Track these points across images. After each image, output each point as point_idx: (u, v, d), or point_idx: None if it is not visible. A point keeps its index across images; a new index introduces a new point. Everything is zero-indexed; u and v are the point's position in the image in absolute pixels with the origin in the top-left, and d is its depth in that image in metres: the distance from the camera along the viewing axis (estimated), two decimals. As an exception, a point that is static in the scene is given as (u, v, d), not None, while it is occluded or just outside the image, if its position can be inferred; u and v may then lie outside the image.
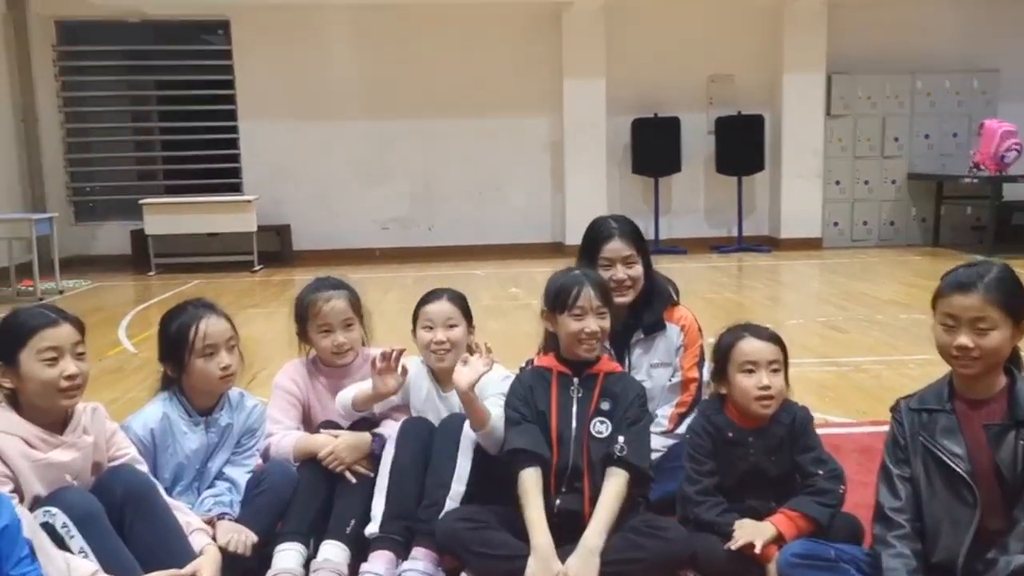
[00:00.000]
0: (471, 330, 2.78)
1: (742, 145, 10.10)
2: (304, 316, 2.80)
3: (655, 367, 2.88)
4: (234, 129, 10.23)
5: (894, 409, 2.21)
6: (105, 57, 10.30)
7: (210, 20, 10.15)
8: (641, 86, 10.19)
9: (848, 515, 2.39)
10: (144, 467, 2.33)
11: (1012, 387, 2.05)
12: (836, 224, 10.46)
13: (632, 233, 2.85)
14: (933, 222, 10.31)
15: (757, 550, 2.23)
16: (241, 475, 2.56)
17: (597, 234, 2.85)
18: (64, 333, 2.11)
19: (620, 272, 2.80)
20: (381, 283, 8.27)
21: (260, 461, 2.65)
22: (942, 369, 2.15)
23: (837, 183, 10.41)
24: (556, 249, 10.08)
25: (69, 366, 2.09)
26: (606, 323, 2.52)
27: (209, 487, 2.52)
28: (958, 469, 2.04)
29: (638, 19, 10.15)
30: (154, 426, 2.46)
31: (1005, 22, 10.29)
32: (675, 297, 2.96)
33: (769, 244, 10.32)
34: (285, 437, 2.67)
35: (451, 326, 2.71)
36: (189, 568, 2.15)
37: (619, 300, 2.75)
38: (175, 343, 2.46)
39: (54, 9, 9.85)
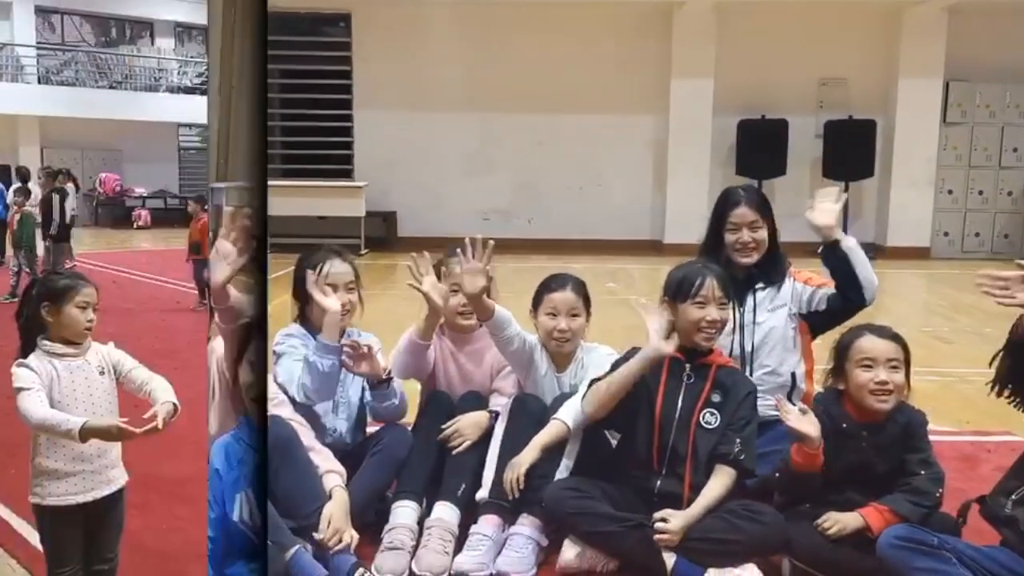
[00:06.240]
0: (588, 317, 2.88)
1: (851, 150, 9.90)
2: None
3: (777, 308, 2.95)
4: (349, 118, 10.62)
5: None
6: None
7: (332, 13, 10.56)
8: (749, 87, 10.11)
9: (943, 513, 2.39)
10: (287, 410, 2.58)
11: None
12: (946, 234, 10.17)
13: (759, 201, 2.98)
14: (1051, 237, 9.94)
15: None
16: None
17: (725, 200, 3.00)
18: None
19: (745, 235, 2.92)
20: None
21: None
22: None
23: (949, 192, 10.13)
24: (654, 247, 10.09)
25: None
26: (726, 314, 2.59)
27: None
28: None
29: (750, 20, 10.06)
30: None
31: None
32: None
33: (874, 251, 10.07)
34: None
35: (574, 315, 2.80)
36: (323, 521, 2.39)
37: (744, 260, 2.92)
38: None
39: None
